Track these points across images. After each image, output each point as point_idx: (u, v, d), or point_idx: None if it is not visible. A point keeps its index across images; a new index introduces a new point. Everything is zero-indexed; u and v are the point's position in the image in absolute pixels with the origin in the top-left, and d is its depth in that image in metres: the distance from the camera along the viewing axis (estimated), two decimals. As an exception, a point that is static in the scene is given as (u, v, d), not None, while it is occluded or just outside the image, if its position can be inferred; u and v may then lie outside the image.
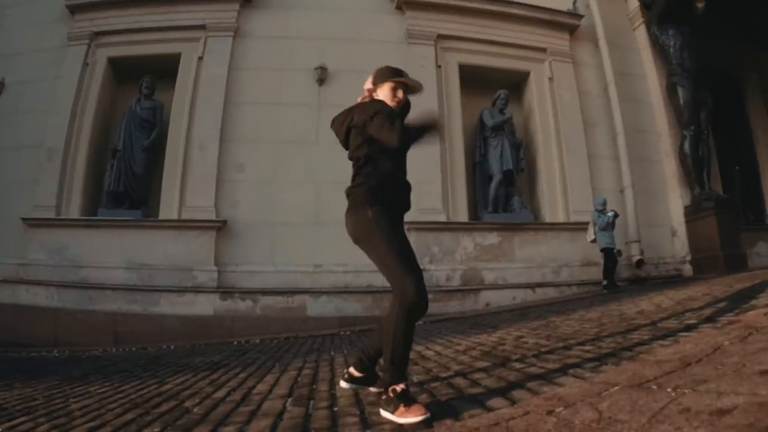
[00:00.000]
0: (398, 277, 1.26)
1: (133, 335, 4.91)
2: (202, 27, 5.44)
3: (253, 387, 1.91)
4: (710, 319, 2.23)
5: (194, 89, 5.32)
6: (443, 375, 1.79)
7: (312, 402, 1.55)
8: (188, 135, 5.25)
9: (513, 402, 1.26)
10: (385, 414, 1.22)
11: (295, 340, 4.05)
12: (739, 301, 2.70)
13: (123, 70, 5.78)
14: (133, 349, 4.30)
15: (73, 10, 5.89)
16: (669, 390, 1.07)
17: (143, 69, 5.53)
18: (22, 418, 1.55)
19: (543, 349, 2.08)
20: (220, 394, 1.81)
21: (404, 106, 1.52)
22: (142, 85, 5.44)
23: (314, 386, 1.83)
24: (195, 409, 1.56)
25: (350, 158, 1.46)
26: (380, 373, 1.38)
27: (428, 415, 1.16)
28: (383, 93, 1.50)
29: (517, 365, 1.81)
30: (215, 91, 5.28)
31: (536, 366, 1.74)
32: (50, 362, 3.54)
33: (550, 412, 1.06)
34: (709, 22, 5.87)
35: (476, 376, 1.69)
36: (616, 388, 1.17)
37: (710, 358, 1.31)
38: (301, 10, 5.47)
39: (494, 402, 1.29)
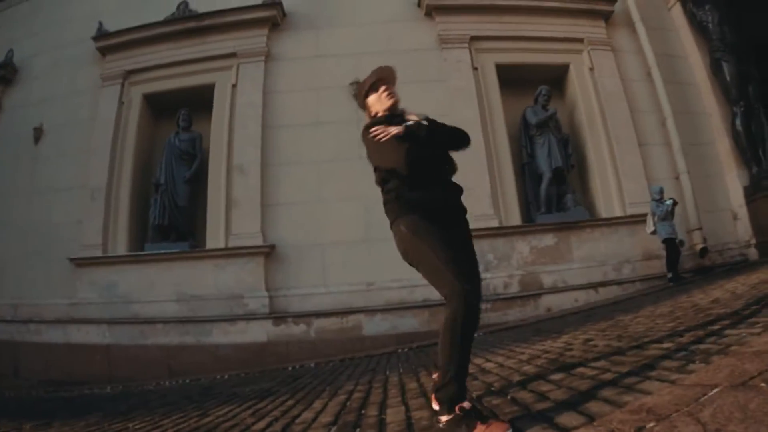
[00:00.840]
0: (443, 284, 1.19)
1: (187, 367, 4.89)
2: (233, 55, 5.48)
3: (298, 415, 1.83)
4: None
5: (231, 117, 5.34)
6: (506, 389, 1.63)
7: (357, 430, 1.43)
8: (229, 163, 5.24)
9: (590, 418, 1.06)
10: None
11: (351, 362, 4.00)
12: None
13: (159, 105, 5.84)
14: (187, 381, 4.28)
15: (104, 51, 6.01)
16: None
17: (179, 102, 5.59)
18: None
19: (616, 352, 1.90)
20: (260, 425, 1.72)
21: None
22: (179, 118, 5.49)
23: (363, 411, 1.72)
24: None
25: (376, 183, 1.43)
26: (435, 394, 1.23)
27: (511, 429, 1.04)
28: (374, 105, 1.49)
29: (590, 372, 1.62)
30: (252, 117, 5.27)
31: (611, 371, 1.55)
32: (100, 399, 3.56)
33: (640, 429, 0.87)
34: None
35: (543, 388, 1.52)
36: (716, 390, 0.98)
37: None
38: (329, 29, 5.47)
39: (567, 419, 1.10)
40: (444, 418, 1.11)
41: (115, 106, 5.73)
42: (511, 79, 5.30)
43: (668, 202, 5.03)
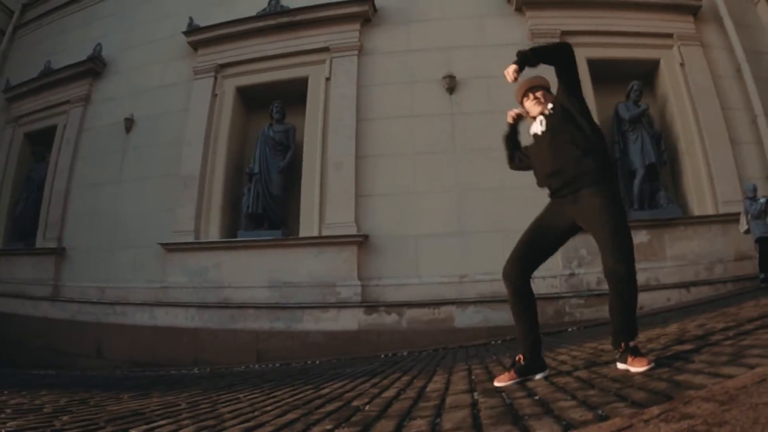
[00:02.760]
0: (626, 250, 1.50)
1: (276, 352, 5.05)
2: (326, 49, 5.67)
3: (425, 386, 1.77)
4: None
5: (325, 109, 5.52)
6: (602, 370, 1.58)
7: (503, 394, 1.38)
8: (323, 154, 5.42)
9: (757, 368, 1.04)
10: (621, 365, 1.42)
11: (445, 352, 3.99)
12: None
13: (251, 98, 6.07)
14: (277, 365, 4.35)
15: (196, 45, 6.26)
16: None
17: (271, 95, 5.82)
18: (162, 422, 1.39)
19: (742, 329, 1.84)
20: (389, 393, 1.68)
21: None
22: (272, 110, 5.70)
23: (494, 380, 1.68)
24: (367, 408, 1.41)
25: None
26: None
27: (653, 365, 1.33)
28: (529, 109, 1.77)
29: (726, 347, 1.53)
30: (346, 110, 5.45)
31: (749, 339, 1.51)
32: (191, 377, 3.59)
33: None
34: None
35: (684, 356, 1.50)
36: None
37: None
38: (420, 23, 5.63)
39: (737, 370, 1.09)
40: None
41: (209, 98, 5.98)
42: (602, 74, 5.38)
43: (762, 200, 4.99)
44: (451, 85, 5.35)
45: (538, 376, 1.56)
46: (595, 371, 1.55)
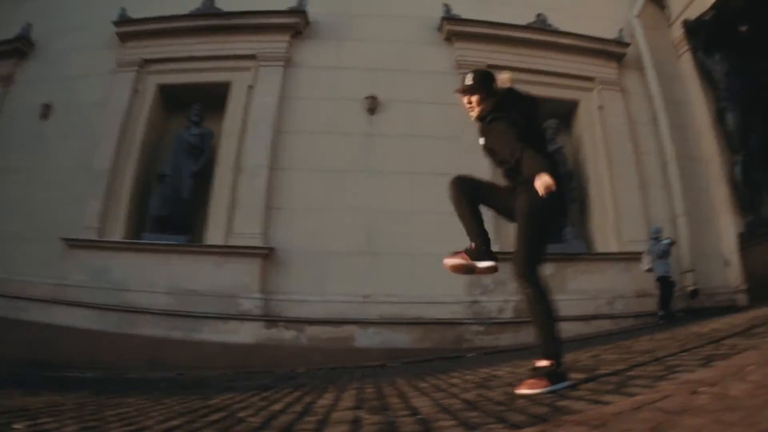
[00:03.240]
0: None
1: (172, 361, 4.86)
2: (253, 57, 5.58)
3: (313, 402, 1.77)
4: None
5: (244, 117, 5.40)
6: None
7: (387, 411, 1.40)
8: (237, 162, 5.29)
9: (636, 396, 1.09)
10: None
11: (344, 370, 3.95)
12: None
13: (172, 98, 5.87)
14: (173, 374, 4.19)
15: (124, 37, 6.03)
16: None
17: (193, 97, 5.67)
18: (46, 419, 1.41)
19: (631, 361, 1.91)
20: (276, 407, 1.66)
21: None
22: (191, 112, 5.50)
23: (383, 400, 1.70)
24: (250, 419, 1.41)
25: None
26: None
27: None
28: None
29: (611, 372, 1.62)
30: (265, 120, 5.34)
31: (635, 371, 1.55)
32: (85, 380, 3.50)
33: (694, 392, 0.93)
34: (758, 45, 5.83)
35: (571, 384, 1.53)
36: (753, 366, 1.05)
37: None
38: (351, 42, 5.61)
39: (609, 398, 1.13)
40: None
41: (128, 93, 5.76)
42: (523, 109, 5.37)
43: (666, 241, 5.18)
44: (373, 105, 5.32)
45: (486, 264, 1.60)
46: (482, 394, 1.59)
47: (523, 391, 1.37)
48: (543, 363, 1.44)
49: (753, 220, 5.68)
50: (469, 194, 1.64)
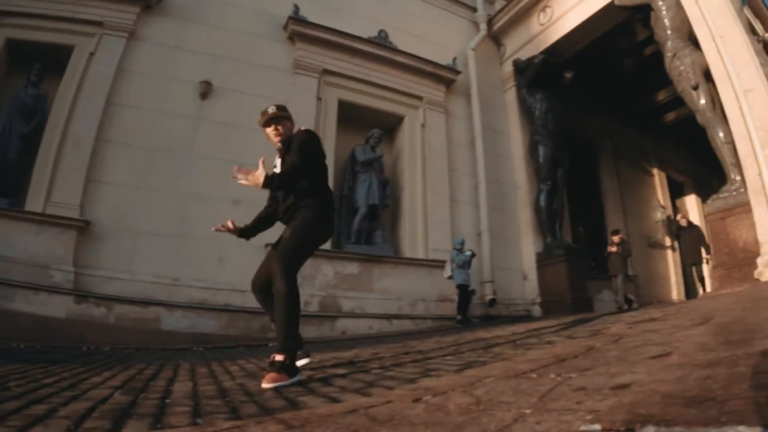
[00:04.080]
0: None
1: None
2: (100, 24, 5.38)
3: (87, 379, 1.81)
4: (571, 337, 2.22)
5: (80, 84, 5.27)
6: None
7: (143, 394, 1.44)
8: (65, 129, 5.17)
9: (369, 396, 1.14)
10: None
11: (147, 351, 3.95)
12: (596, 325, 2.77)
13: (18, 53, 5.60)
14: None
15: (-28, -15, 5.53)
16: (552, 376, 0.98)
17: (38, 55, 5.37)
18: None
19: (402, 360, 2.05)
20: (49, 380, 1.71)
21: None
22: (32, 72, 5.24)
23: (151, 382, 1.76)
24: (16, 389, 1.44)
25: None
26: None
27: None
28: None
29: (375, 370, 1.74)
30: (99, 90, 5.24)
31: (396, 371, 1.67)
32: None
33: (417, 400, 0.93)
34: (576, 93, 6.27)
35: (331, 380, 1.63)
36: (490, 379, 1.05)
37: (587, 355, 1.24)
38: (196, 24, 5.54)
39: (348, 397, 1.19)
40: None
41: (-31, 43, 5.32)
42: (350, 116, 5.65)
43: (468, 252, 5.56)
44: (206, 90, 5.31)
45: (303, 362, 1.79)
46: (243, 384, 1.63)
47: (266, 385, 1.42)
48: (280, 357, 1.50)
49: (550, 242, 6.27)
50: (264, 289, 1.79)
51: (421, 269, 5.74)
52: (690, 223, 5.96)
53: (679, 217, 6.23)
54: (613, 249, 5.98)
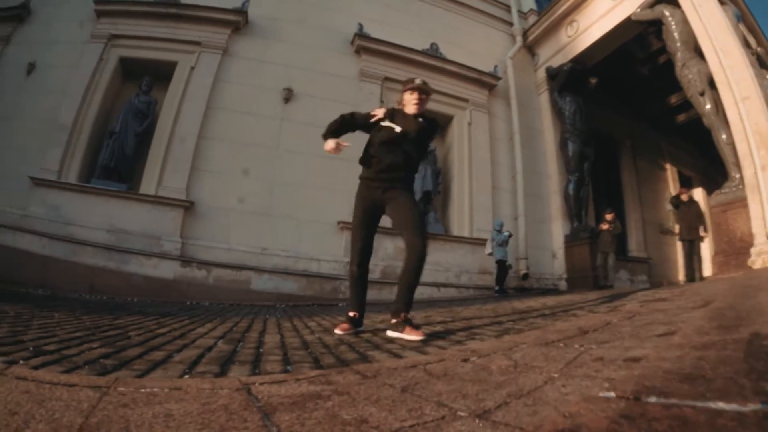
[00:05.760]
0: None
1: (106, 287, 5.06)
2: (198, 43, 5.73)
3: (193, 330, 1.88)
4: (593, 311, 2.22)
5: (183, 92, 5.61)
6: (361, 335, 1.75)
7: (241, 344, 1.48)
8: (173, 128, 5.51)
9: (426, 354, 1.15)
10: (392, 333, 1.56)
11: (239, 307, 4.15)
12: (614, 301, 2.78)
13: (130, 69, 6.04)
14: (104, 297, 4.42)
15: (100, 14, 6.13)
16: (576, 346, 0.98)
17: (146, 70, 5.81)
18: None
19: (450, 324, 2.07)
20: (162, 330, 1.78)
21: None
22: (142, 82, 5.67)
23: (246, 334, 1.80)
24: (136, 338, 1.51)
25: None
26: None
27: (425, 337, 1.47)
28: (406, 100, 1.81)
29: (428, 331, 1.76)
30: (200, 97, 5.56)
31: (444, 332, 1.69)
32: (33, 297, 3.63)
33: (465, 360, 0.95)
34: (600, 96, 6.35)
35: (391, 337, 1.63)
36: (525, 345, 1.07)
37: (605, 329, 1.23)
38: (277, 42, 5.84)
39: (408, 354, 1.20)
40: (395, 321, 1.58)
41: (96, 61, 5.89)
42: (408, 116, 5.74)
43: (506, 233, 5.64)
44: (288, 96, 5.59)
45: (360, 330, 1.79)
46: (321, 338, 1.65)
47: (419, 336, 1.45)
48: (410, 315, 1.53)
49: (576, 226, 6.28)
50: (363, 267, 1.75)
51: (466, 246, 5.80)
52: (691, 199, 5.41)
53: (680, 191, 5.57)
54: (605, 226, 5.56)
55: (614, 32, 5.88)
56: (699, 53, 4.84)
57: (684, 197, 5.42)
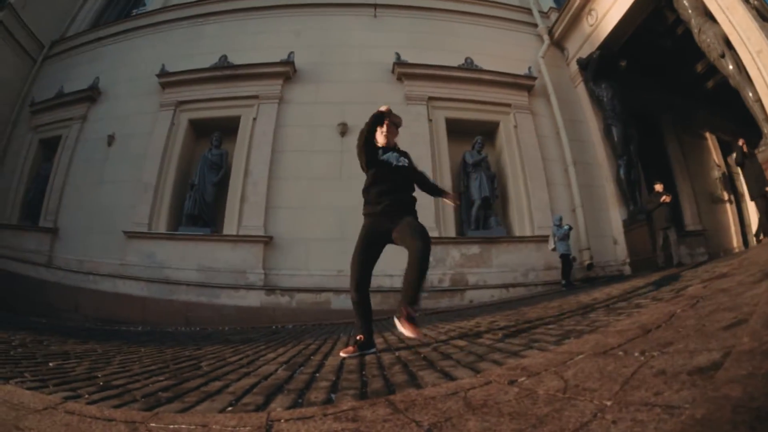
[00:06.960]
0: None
1: (200, 319, 5.30)
2: (256, 96, 5.99)
3: (264, 355, 1.86)
4: (656, 299, 2.08)
5: (250, 141, 5.81)
6: (421, 350, 1.67)
7: (301, 368, 1.42)
8: (245, 174, 5.70)
9: (478, 372, 1.06)
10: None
11: (319, 327, 4.25)
12: (676, 284, 2.60)
13: (199, 127, 6.36)
14: (197, 328, 4.54)
15: (164, 85, 6.50)
16: (636, 354, 0.84)
17: (213, 127, 6.14)
18: (73, 360, 1.60)
19: (512, 330, 1.98)
20: (234, 358, 1.75)
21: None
22: (212, 138, 5.94)
23: (312, 357, 1.76)
24: (205, 368, 1.48)
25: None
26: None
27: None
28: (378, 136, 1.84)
29: (488, 342, 1.67)
30: (265, 143, 5.75)
31: (504, 342, 1.60)
32: (130, 333, 3.68)
33: (512, 382, 0.85)
34: (632, 76, 6.05)
35: (449, 351, 1.56)
36: (581, 356, 0.93)
37: (668, 324, 1.09)
38: (326, 83, 6.03)
39: (459, 372, 1.11)
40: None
41: (168, 126, 6.21)
42: (456, 129, 5.80)
43: (566, 227, 5.42)
44: (344, 130, 5.67)
45: (369, 352, 1.71)
46: (380, 356, 1.64)
47: (406, 332, 1.48)
48: (414, 309, 1.51)
49: (633, 209, 5.92)
50: (365, 290, 1.71)
51: (529, 245, 5.65)
52: (751, 152, 4.66)
53: (741, 142, 4.84)
54: (667, 199, 4.76)
55: (631, 12, 5.67)
56: (711, 17, 4.53)
57: (745, 148, 4.73)
